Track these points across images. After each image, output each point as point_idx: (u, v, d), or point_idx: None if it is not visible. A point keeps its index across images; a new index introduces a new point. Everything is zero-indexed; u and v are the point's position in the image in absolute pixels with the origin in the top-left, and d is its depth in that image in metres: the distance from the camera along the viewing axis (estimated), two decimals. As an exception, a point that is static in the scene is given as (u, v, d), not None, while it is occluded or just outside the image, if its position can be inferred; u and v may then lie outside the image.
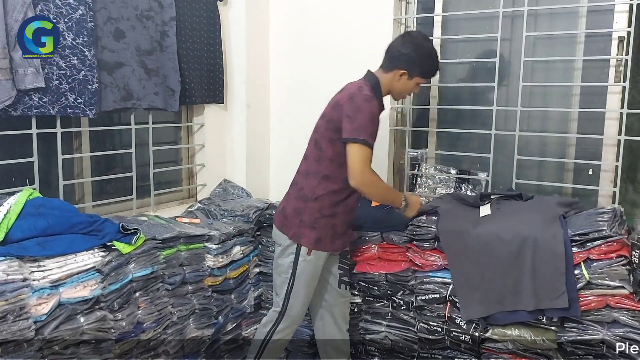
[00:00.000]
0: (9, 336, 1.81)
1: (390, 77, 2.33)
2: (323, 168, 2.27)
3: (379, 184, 2.29)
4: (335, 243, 2.35)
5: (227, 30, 3.26)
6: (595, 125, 2.71)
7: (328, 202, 2.28)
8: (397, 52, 2.31)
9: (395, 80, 2.33)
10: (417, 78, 2.34)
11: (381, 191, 2.31)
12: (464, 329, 2.40)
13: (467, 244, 2.35)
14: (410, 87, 2.37)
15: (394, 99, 2.50)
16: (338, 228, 2.33)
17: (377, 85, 2.32)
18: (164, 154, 3.18)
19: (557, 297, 2.16)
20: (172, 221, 2.72)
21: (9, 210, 2.07)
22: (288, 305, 2.35)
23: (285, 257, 2.32)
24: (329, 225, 2.30)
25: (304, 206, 2.29)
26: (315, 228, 2.28)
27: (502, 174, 2.91)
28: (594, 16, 2.68)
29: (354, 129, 2.16)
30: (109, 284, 2.16)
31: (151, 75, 2.77)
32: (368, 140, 2.16)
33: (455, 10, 3.01)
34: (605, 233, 2.13)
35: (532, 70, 2.85)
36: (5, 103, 2.18)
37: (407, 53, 2.29)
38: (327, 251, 2.33)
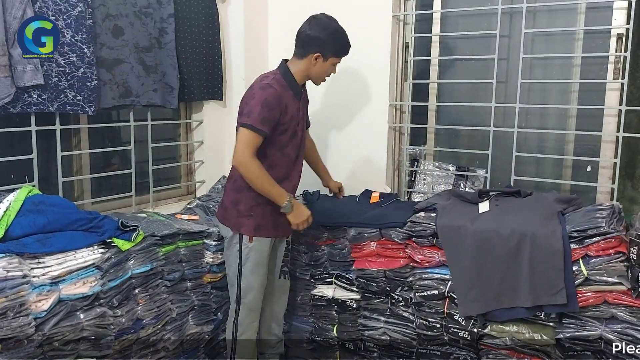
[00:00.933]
0: (9, 333, 1.82)
1: (305, 63, 2.37)
2: None
3: (259, 172, 2.24)
4: (278, 229, 2.43)
5: (225, 27, 3.26)
6: (594, 122, 2.71)
7: None
8: (306, 37, 2.35)
9: (312, 65, 2.37)
10: (331, 58, 2.39)
11: (259, 180, 2.25)
12: (463, 325, 2.40)
13: (466, 241, 2.35)
14: (327, 69, 2.41)
15: (315, 83, 2.49)
16: (278, 214, 2.36)
17: (287, 74, 2.37)
18: (162, 150, 3.18)
19: (555, 293, 2.16)
20: (171, 218, 2.72)
21: (9, 207, 2.07)
22: (242, 294, 2.42)
23: (232, 248, 2.41)
24: (267, 212, 2.36)
25: (240, 196, 2.37)
26: (253, 216, 2.36)
27: (500, 170, 2.91)
28: (592, 13, 2.69)
29: (244, 114, 2.23)
30: (109, 280, 2.16)
31: (150, 72, 2.77)
32: (255, 125, 2.20)
33: (454, 6, 3.01)
34: (603, 230, 2.13)
35: (530, 67, 2.85)
36: (5, 100, 2.18)
37: (316, 36, 2.34)
38: (269, 237, 2.41)
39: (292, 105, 2.35)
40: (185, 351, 2.57)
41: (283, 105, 2.29)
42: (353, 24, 3.11)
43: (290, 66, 2.39)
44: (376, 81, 3.09)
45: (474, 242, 2.33)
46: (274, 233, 2.43)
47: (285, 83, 2.34)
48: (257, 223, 2.37)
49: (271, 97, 2.24)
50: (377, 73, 3.08)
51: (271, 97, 2.24)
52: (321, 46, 2.34)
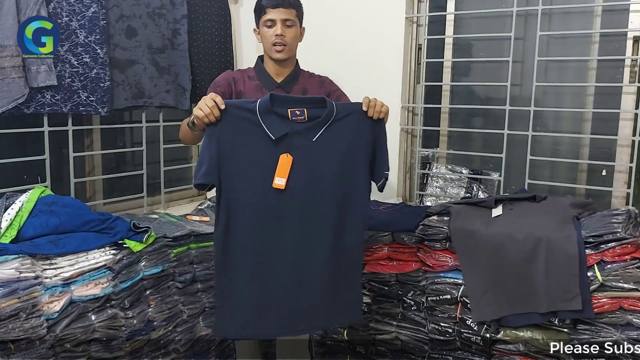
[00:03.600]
0: (21, 334, 1.81)
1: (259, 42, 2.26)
2: None
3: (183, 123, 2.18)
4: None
5: (237, 28, 3.27)
6: (609, 125, 2.69)
7: None
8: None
9: (260, 42, 2.25)
10: (260, 22, 2.21)
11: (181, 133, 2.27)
12: (475, 330, 2.38)
13: (479, 245, 2.33)
14: (264, 35, 2.19)
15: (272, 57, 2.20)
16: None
17: (257, 64, 2.28)
18: (174, 151, 3.19)
19: (570, 299, 2.13)
20: (183, 219, 2.73)
21: (21, 207, 2.08)
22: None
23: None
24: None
25: None
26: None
27: (514, 173, 2.89)
28: (608, 16, 2.66)
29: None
30: (120, 282, 2.16)
31: (163, 73, 2.78)
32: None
33: (467, 8, 3.00)
34: (619, 235, 2.10)
35: (545, 69, 2.83)
36: (19, 101, 2.19)
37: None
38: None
39: (252, 95, 2.16)
40: (196, 353, 2.56)
41: (235, 89, 2.19)
42: (366, 25, 3.12)
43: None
44: (388, 83, 3.07)
45: (487, 246, 2.31)
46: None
47: (253, 73, 2.25)
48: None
49: (220, 78, 2.22)
50: (390, 75, 3.07)
51: (220, 78, 2.22)
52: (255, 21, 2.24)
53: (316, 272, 1.95)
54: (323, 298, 1.98)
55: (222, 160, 1.85)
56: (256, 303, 1.96)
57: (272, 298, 1.95)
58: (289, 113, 1.83)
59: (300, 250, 1.93)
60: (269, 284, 1.94)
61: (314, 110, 1.85)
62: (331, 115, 1.85)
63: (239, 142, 1.86)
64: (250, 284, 1.95)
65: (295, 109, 1.83)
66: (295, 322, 1.99)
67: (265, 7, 2.15)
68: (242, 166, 1.87)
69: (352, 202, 1.95)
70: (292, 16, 2.17)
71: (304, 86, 2.26)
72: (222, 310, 2.03)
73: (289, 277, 1.94)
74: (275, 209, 1.90)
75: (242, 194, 1.89)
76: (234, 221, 1.91)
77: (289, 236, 1.93)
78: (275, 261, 1.93)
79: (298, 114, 1.83)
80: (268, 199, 1.89)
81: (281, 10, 2.13)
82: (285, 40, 2.15)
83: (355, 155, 1.91)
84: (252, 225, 1.91)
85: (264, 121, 1.84)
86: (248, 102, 1.88)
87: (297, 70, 2.30)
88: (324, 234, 1.94)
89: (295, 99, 1.90)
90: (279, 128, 1.84)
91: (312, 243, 1.94)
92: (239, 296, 1.96)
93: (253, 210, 1.91)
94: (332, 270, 1.97)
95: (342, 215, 1.94)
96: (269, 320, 1.97)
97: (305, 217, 1.92)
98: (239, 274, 1.95)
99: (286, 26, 2.15)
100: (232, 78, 2.20)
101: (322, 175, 1.90)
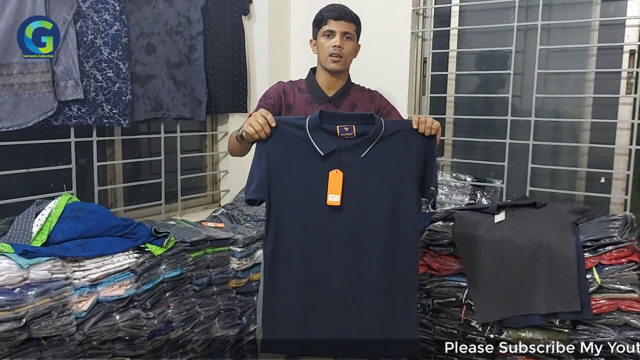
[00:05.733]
0: (53, 331, 1.93)
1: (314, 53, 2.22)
2: None
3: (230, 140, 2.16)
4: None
5: (250, 43, 3.39)
6: (607, 135, 2.79)
7: None
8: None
9: (315, 54, 2.21)
10: (319, 33, 2.16)
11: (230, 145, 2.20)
12: (479, 331, 2.45)
13: (482, 249, 2.41)
14: (322, 45, 2.15)
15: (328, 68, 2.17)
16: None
17: (309, 77, 2.24)
18: (190, 161, 3.31)
19: (569, 301, 2.21)
20: (199, 225, 2.83)
21: (51, 213, 2.21)
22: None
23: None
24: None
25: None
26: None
27: (516, 181, 2.99)
28: (605, 30, 2.77)
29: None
30: (142, 284, 2.27)
31: (180, 87, 2.91)
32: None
33: (470, 24, 3.12)
34: (616, 239, 2.18)
35: (545, 81, 2.94)
36: (48, 114, 2.33)
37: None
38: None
39: (302, 108, 2.15)
40: (212, 353, 2.66)
41: (285, 101, 2.16)
42: (374, 40, 3.22)
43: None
44: (396, 95, 3.13)
45: (490, 250, 2.40)
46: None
47: (304, 86, 2.22)
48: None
49: (271, 89, 2.21)
50: (397, 87, 3.18)
51: (271, 89, 2.21)
52: (312, 31, 2.20)
53: (367, 294, 1.88)
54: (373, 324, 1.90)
55: (272, 176, 1.85)
56: (302, 322, 1.91)
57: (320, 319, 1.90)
58: (338, 129, 1.82)
59: (350, 270, 1.88)
60: (316, 302, 1.90)
61: (363, 126, 1.82)
62: (379, 131, 1.82)
63: (288, 158, 1.84)
64: (298, 302, 1.91)
65: (344, 125, 1.81)
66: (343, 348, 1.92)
67: (327, 19, 2.13)
68: (292, 182, 1.85)
69: (403, 220, 1.88)
70: (352, 30, 2.16)
71: (354, 101, 2.22)
72: (269, 325, 1.97)
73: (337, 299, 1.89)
74: (324, 226, 1.86)
75: (291, 209, 1.87)
76: (283, 237, 1.88)
77: (339, 253, 1.88)
78: (324, 280, 1.88)
79: (347, 131, 1.81)
80: (317, 215, 1.85)
81: (342, 22, 2.12)
82: (342, 52, 2.13)
83: (405, 172, 1.86)
84: (301, 242, 1.88)
85: (313, 137, 1.82)
86: (298, 118, 1.87)
87: (348, 84, 2.25)
88: (376, 253, 1.87)
89: (344, 116, 1.87)
90: (328, 144, 1.82)
91: (362, 263, 1.88)
92: (285, 313, 1.93)
93: (302, 226, 1.87)
94: (385, 294, 1.89)
95: (393, 234, 1.87)
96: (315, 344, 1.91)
97: (355, 235, 1.87)
98: (287, 291, 1.91)
99: (345, 39, 2.14)
100: (283, 90, 2.18)
101: (372, 191, 1.85)
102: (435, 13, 3.18)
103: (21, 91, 2.24)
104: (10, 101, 2.22)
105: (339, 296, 1.89)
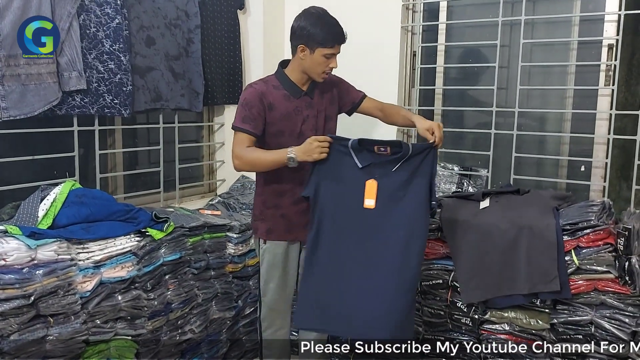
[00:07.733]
0: (59, 309, 2.05)
1: (296, 57, 2.25)
2: None
3: (253, 158, 2.22)
4: (292, 233, 2.37)
5: (246, 36, 3.48)
6: (587, 125, 2.92)
7: (270, 193, 2.35)
8: (292, 29, 2.24)
9: (300, 58, 2.23)
10: (319, 49, 2.19)
11: (259, 162, 2.23)
12: (465, 312, 2.55)
13: (468, 234, 2.51)
14: (318, 61, 2.21)
15: (315, 79, 2.28)
16: (292, 218, 2.35)
17: (280, 73, 2.31)
18: (187, 151, 3.41)
19: (549, 281, 2.31)
20: (196, 212, 2.92)
21: (55, 199, 2.31)
22: (261, 292, 2.46)
23: (257, 249, 2.46)
24: (277, 215, 2.35)
25: (255, 201, 2.43)
26: (264, 220, 2.37)
27: (501, 170, 3.11)
28: (586, 25, 2.90)
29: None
30: (144, 266, 2.38)
31: (178, 78, 3.01)
32: (238, 125, 2.22)
33: (458, 18, 3.23)
34: (593, 222, 2.30)
35: (529, 74, 3.06)
36: (53, 103, 2.43)
37: (300, 26, 2.20)
38: (281, 240, 2.37)
39: (282, 104, 2.26)
40: (209, 334, 2.76)
41: (266, 102, 2.23)
42: (365, 34, 3.32)
43: (288, 66, 2.32)
44: (386, 87, 3.27)
45: (475, 235, 2.49)
46: (285, 237, 2.37)
47: (277, 83, 2.28)
48: (269, 226, 2.36)
49: (249, 96, 2.24)
50: (387, 79, 3.28)
51: (249, 96, 2.24)
52: (305, 37, 2.18)
53: (384, 276, 2.20)
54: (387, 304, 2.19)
55: (320, 180, 2.22)
56: (334, 302, 2.22)
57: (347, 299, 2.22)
58: (376, 148, 2.18)
59: (375, 252, 2.22)
60: (344, 284, 2.22)
61: (394, 148, 2.19)
62: (408, 152, 2.17)
63: (333, 167, 2.21)
64: (330, 282, 2.23)
65: (381, 146, 2.18)
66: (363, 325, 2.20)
67: (334, 43, 2.22)
68: (334, 186, 2.22)
69: (417, 219, 2.22)
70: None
71: (321, 89, 2.37)
72: (305, 304, 2.28)
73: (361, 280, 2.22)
74: (356, 222, 2.22)
75: (332, 208, 2.23)
76: (323, 229, 2.24)
77: (366, 242, 2.22)
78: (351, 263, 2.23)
79: (382, 150, 2.18)
80: (352, 214, 2.22)
81: (340, 46, 2.27)
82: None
83: (422, 183, 2.21)
84: (336, 234, 2.23)
85: (354, 152, 2.20)
86: (344, 139, 2.22)
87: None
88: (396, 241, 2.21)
89: (379, 142, 2.20)
90: (365, 158, 2.20)
91: (385, 249, 2.22)
92: (320, 292, 2.24)
93: (337, 221, 2.23)
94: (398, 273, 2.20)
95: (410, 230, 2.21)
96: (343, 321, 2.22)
97: (382, 229, 2.21)
98: (322, 271, 2.24)
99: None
100: (260, 92, 2.25)
101: (398, 198, 2.20)
102: (425, 8, 3.28)
103: (28, 81, 2.33)
104: (17, 91, 2.31)
105: (362, 271, 2.23)
